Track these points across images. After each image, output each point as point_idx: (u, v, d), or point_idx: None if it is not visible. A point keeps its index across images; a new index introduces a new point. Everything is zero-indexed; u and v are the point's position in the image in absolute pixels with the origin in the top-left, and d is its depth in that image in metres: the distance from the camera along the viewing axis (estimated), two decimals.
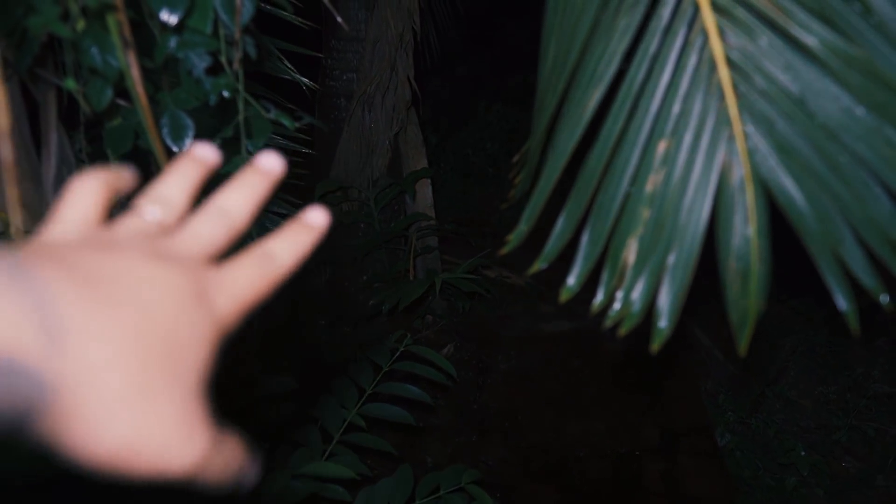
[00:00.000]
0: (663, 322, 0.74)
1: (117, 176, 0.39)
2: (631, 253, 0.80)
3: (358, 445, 1.68)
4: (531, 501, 2.28)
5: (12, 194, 1.17)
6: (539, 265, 0.84)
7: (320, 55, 2.79)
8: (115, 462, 0.29)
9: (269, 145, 1.09)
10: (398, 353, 1.83)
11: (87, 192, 0.36)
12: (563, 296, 0.81)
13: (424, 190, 3.03)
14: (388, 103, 2.89)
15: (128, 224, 0.36)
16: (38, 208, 1.19)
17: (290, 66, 1.81)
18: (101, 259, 0.32)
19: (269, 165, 0.39)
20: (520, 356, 3.09)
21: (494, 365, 3.02)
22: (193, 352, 0.32)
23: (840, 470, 2.70)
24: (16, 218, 1.15)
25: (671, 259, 0.78)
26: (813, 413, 2.96)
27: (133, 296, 0.31)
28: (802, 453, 2.60)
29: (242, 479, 0.35)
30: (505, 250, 0.89)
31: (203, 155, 0.40)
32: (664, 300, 0.76)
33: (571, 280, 0.80)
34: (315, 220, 0.40)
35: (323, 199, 2.77)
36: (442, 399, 2.69)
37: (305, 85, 1.99)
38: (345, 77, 2.92)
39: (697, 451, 2.54)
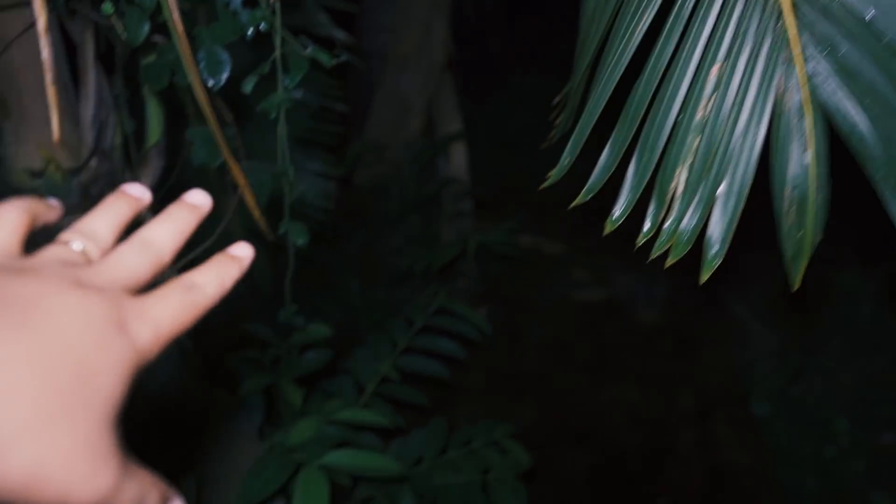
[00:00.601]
0: (714, 251, 0.71)
1: (41, 206, 0.38)
2: (680, 182, 0.76)
3: (391, 398, 1.68)
4: (562, 464, 2.27)
5: (53, 132, 1.18)
6: (582, 198, 0.82)
7: (356, 12, 2.76)
8: (19, 492, 0.28)
9: (303, 97, 1.08)
10: (433, 309, 1.82)
11: (8, 219, 0.36)
12: (608, 227, 0.78)
13: (458, 154, 3.01)
14: (423, 65, 2.86)
15: (50, 252, 0.35)
16: (76, 147, 1.20)
17: (326, 20, 1.80)
18: (15, 283, 0.31)
19: (196, 201, 0.40)
20: (553, 322, 3.07)
21: (527, 330, 3.00)
22: (107, 381, 0.31)
23: (881, 444, 2.64)
24: (57, 155, 1.16)
25: (723, 188, 0.75)
26: (854, 386, 2.89)
27: (44, 321, 0.30)
28: (843, 426, 2.54)
29: None
30: (547, 184, 0.86)
31: (135, 193, 0.40)
32: (716, 229, 0.73)
33: (617, 211, 0.78)
34: (241, 252, 0.39)
35: (357, 160, 2.75)
36: (474, 362, 2.68)
37: (341, 40, 1.97)
38: (379, 38, 2.89)
39: (733, 420, 2.50)
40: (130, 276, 0.36)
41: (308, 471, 1.20)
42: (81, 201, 1.21)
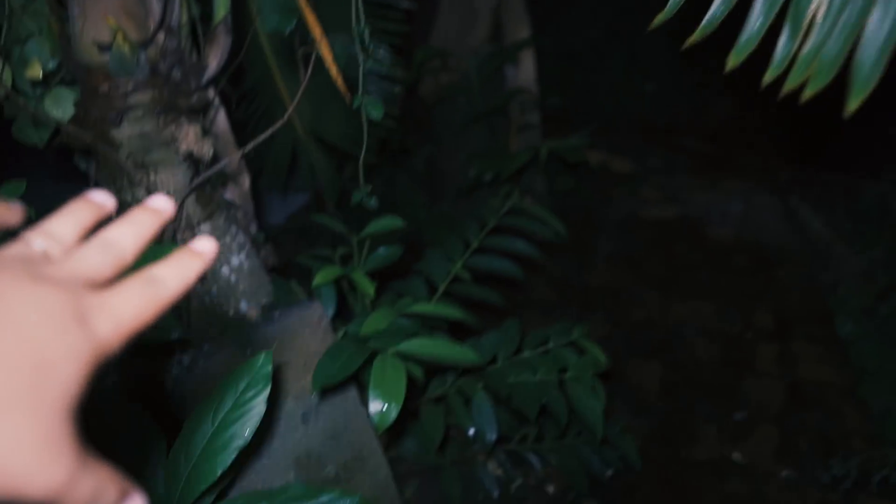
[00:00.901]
0: (865, 74, 0.62)
1: (4, 208, 0.39)
2: (820, 7, 0.66)
3: (463, 298, 1.64)
4: (635, 376, 2.21)
5: (120, 3, 1.13)
6: (700, 34, 0.72)
7: None
8: None
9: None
10: (505, 209, 1.75)
11: None
12: (731, 62, 0.69)
13: (527, 63, 2.87)
14: None
15: (10, 250, 0.35)
16: (143, 20, 1.15)
17: None
18: None
19: (159, 205, 0.40)
20: (622, 239, 2.97)
21: (596, 246, 2.91)
22: (64, 372, 0.31)
23: None
24: (124, 25, 1.11)
25: (875, 15, 0.64)
26: None
27: (0, 313, 0.30)
28: None
29: None
30: (654, 24, 0.77)
31: (98, 200, 0.40)
32: (867, 52, 0.62)
33: (744, 38, 0.68)
34: (204, 247, 0.39)
35: (421, 68, 2.66)
36: (543, 277, 2.62)
37: None
38: None
39: (815, 338, 2.39)
40: (91, 273, 0.35)
41: (384, 357, 1.17)
42: (150, 78, 1.17)
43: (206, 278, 1.29)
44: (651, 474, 1.86)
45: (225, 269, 1.30)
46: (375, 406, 1.11)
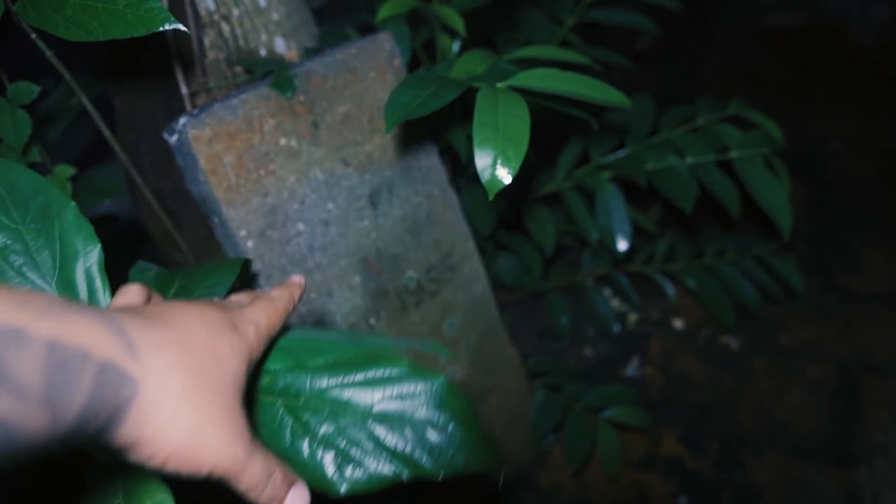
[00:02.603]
0: None
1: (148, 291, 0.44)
2: None
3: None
4: None
5: None
6: None
7: None
8: (178, 460, 0.34)
9: None
10: None
11: (133, 293, 0.42)
12: None
13: None
14: None
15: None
16: None
17: None
18: (154, 306, 0.39)
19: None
20: (739, 48, 2.44)
21: (706, 54, 2.40)
22: (232, 365, 0.38)
23: None
24: None
25: None
26: None
27: (179, 323, 0.37)
28: None
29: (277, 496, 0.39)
30: None
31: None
32: None
33: None
34: (299, 280, 0.51)
35: None
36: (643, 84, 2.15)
37: None
38: None
39: None
40: (244, 303, 0.45)
41: (490, 89, 0.76)
42: None
43: None
44: (804, 308, 1.47)
45: None
46: (483, 159, 0.71)
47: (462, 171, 1.30)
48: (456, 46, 1.05)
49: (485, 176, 0.71)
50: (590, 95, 0.81)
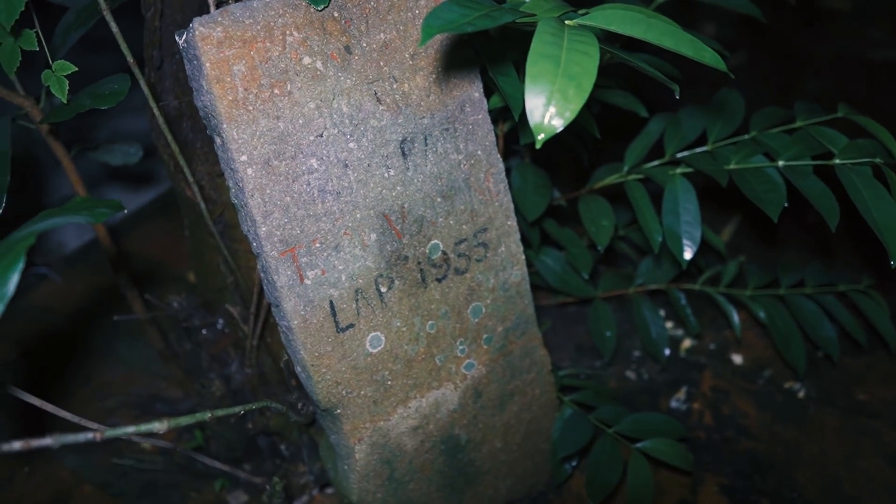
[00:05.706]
0: None
1: None
2: None
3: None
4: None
5: None
6: None
7: None
8: None
9: None
10: None
11: None
12: None
13: None
14: None
15: None
16: None
17: None
18: None
19: None
20: (837, 79, 2.25)
21: (801, 84, 2.22)
22: None
23: None
24: None
25: None
26: None
27: None
28: None
29: None
30: None
31: None
32: None
33: None
34: None
35: None
36: None
37: None
38: None
39: None
40: None
41: (549, 18, 0.63)
42: None
43: None
44: (891, 362, 1.27)
45: None
46: (535, 97, 0.57)
47: (513, 153, 1.16)
48: None
49: (534, 117, 0.58)
50: (679, 49, 0.66)
